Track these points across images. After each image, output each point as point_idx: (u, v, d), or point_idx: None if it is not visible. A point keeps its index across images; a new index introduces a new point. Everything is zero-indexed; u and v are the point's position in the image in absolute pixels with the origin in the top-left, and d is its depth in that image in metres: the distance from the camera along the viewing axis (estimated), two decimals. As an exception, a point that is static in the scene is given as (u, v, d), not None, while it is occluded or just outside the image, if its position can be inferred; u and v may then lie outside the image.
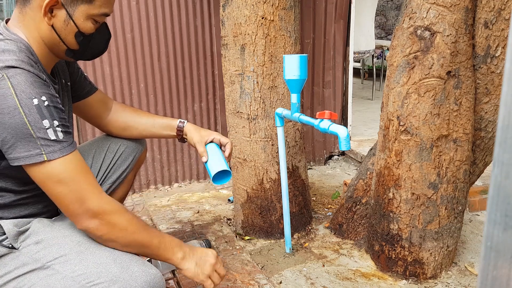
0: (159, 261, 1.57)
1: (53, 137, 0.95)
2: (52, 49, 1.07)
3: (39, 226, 1.08)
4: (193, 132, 1.43)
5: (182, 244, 1.14)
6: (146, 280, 1.01)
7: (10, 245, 1.03)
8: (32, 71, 0.96)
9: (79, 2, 1.02)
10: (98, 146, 1.46)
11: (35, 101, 0.93)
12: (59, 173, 0.96)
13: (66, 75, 1.26)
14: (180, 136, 1.45)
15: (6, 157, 0.96)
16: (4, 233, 1.04)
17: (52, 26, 1.03)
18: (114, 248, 1.05)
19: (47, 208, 1.15)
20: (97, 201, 0.99)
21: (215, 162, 1.32)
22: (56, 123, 0.96)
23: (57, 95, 1.01)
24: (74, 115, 1.41)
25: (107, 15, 1.09)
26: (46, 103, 0.95)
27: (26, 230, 1.07)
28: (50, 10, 1.01)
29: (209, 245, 1.69)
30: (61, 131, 0.97)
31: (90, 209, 0.98)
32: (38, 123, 0.93)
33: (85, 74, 1.38)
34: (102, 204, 1.00)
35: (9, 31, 1.02)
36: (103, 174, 1.45)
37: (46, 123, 0.94)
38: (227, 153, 1.40)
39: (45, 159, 0.94)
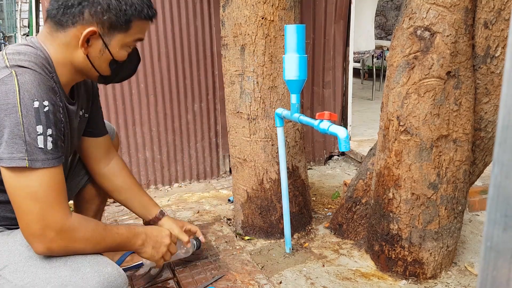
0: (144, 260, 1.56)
1: (41, 145, 0.92)
2: (80, 72, 1.09)
3: None
4: (171, 223, 1.48)
5: (140, 233, 1.19)
6: (98, 281, 0.98)
7: None
8: (44, 75, 0.96)
9: (116, 31, 1.05)
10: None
11: (36, 104, 0.91)
12: (35, 185, 0.93)
13: (86, 107, 1.27)
14: (154, 222, 1.48)
15: None
16: None
17: (87, 55, 1.04)
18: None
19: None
20: (60, 222, 0.96)
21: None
22: (49, 131, 0.93)
23: (61, 104, 1.00)
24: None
25: (141, 40, 1.12)
26: (46, 108, 0.93)
27: None
28: (87, 40, 1.03)
29: (199, 245, 1.65)
30: (52, 142, 0.94)
31: (56, 229, 0.95)
32: (31, 127, 0.91)
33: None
34: (64, 224, 0.97)
35: (35, 41, 1.04)
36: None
37: (39, 128, 0.92)
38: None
39: (27, 165, 0.91)
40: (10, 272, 0.98)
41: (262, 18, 1.67)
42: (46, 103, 0.93)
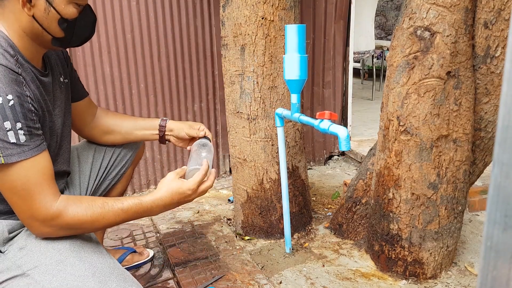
0: None
1: (13, 140, 0.91)
2: (36, 40, 1.03)
3: (28, 232, 1.05)
4: (178, 123, 1.44)
5: (155, 206, 1.14)
6: None
7: None
8: (5, 64, 0.93)
9: None
10: (97, 144, 1.47)
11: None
12: (13, 179, 0.93)
13: (64, 72, 1.23)
14: (163, 133, 1.43)
15: None
16: None
17: (33, 16, 0.98)
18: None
19: None
20: (43, 211, 0.96)
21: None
22: (19, 125, 0.92)
23: (28, 94, 0.97)
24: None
25: None
26: (11, 102, 0.90)
27: (17, 235, 1.05)
28: (28, 0, 0.97)
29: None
30: (24, 134, 0.93)
31: (39, 219, 0.97)
32: None
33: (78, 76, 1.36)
34: (47, 212, 0.97)
35: None
36: (103, 172, 1.45)
37: (7, 124, 0.90)
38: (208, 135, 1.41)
39: (3, 162, 0.91)
40: (40, 274, 0.98)
41: (262, 18, 1.67)
42: (10, 97, 0.90)
